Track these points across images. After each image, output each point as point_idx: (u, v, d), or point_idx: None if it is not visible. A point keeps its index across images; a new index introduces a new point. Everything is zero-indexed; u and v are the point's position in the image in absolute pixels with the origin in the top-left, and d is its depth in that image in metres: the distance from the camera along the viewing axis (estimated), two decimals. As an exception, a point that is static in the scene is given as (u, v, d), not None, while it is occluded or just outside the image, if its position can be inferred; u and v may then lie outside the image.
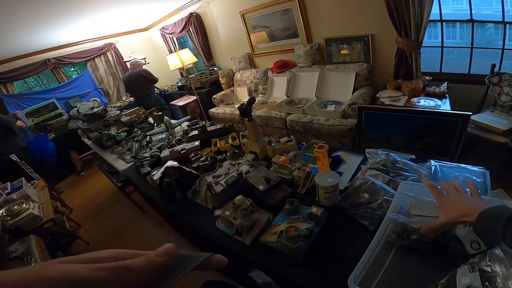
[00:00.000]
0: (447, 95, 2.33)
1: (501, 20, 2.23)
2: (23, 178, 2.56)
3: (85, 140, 2.85)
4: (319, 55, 3.22)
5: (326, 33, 3.09)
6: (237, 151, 1.56)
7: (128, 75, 4.14)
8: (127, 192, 2.62)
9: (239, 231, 0.97)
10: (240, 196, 1.01)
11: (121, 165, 1.95)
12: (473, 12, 2.34)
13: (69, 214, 3.07)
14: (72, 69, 5.33)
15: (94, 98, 3.87)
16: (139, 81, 4.03)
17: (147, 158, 1.77)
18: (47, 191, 2.65)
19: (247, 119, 1.37)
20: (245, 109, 1.32)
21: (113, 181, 2.64)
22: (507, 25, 2.24)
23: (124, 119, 2.60)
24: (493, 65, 2.17)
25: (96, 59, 5.20)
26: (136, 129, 2.50)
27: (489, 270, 0.59)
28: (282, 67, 3.53)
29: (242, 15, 3.74)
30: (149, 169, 1.66)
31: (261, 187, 1.07)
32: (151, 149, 1.99)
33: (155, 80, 4.20)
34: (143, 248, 0.24)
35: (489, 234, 0.60)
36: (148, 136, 2.21)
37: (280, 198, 1.05)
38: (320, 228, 0.93)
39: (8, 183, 2.47)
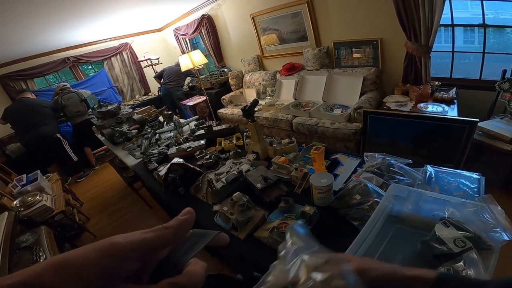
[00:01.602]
0: (455, 101, 2.30)
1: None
2: (39, 171, 2.68)
3: (99, 136, 2.99)
4: (328, 59, 3.23)
5: (335, 37, 3.11)
6: (239, 150, 1.62)
7: (171, 66, 4.61)
8: (135, 188, 2.71)
9: (235, 226, 1.02)
10: (238, 192, 1.07)
11: (130, 161, 2.04)
12: (487, 16, 2.30)
13: (80, 208, 3.19)
14: (90, 67, 5.55)
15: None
16: (179, 73, 4.42)
17: (155, 155, 1.86)
18: (60, 184, 2.78)
19: (250, 120, 1.43)
20: (248, 111, 1.38)
21: (123, 176, 2.75)
22: None
23: (136, 117, 2.72)
24: (504, 71, 2.12)
25: (112, 58, 5.41)
26: (146, 127, 2.61)
27: (464, 273, 0.61)
28: (291, 70, 3.56)
29: (253, 17, 3.80)
30: (156, 165, 1.74)
31: (258, 185, 1.12)
32: (159, 146, 2.08)
33: (193, 74, 4.46)
34: None
35: None
36: (157, 134, 2.31)
37: (276, 196, 1.10)
38: (312, 227, 0.97)
39: (24, 175, 2.59)
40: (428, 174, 1.10)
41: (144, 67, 5.61)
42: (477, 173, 1.05)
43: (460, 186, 1.01)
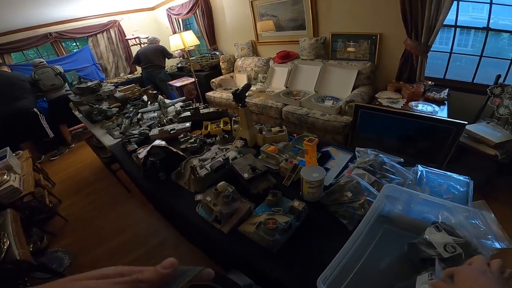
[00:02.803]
0: (446, 102, 2.30)
1: None
2: (8, 148, 2.47)
3: (76, 113, 2.79)
4: (324, 50, 3.15)
5: (334, 28, 3.02)
6: (227, 136, 1.53)
7: (145, 47, 4.30)
8: (112, 169, 2.57)
9: (218, 218, 0.95)
10: (223, 182, 0.99)
11: (108, 141, 1.90)
12: (485, 20, 2.29)
13: (51, 189, 2.98)
14: (74, 44, 5.31)
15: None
16: (156, 53, 4.19)
17: (135, 135, 1.73)
18: (31, 162, 2.57)
19: (240, 104, 1.33)
20: (239, 95, 1.28)
21: (100, 156, 2.59)
22: None
23: (118, 94, 2.55)
24: (498, 76, 2.13)
25: (98, 35, 5.19)
26: (129, 106, 2.45)
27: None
28: (285, 57, 3.46)
29: (251, 2, 3.64)
30: (135, 146, 1.62)
31: (245, 175, 1.04)
32: (141, 126, 1.95)
33: (170, 55, 4.31)
34: (124, 228, 0.23)
35: None
36: (140, 114, 2.16)
37: (264, 188, 1.03)
38: (300, 223, 0.92)
39: (-9, 153, 2.37)
40: (419, 174, 1.09)
41: (132, 45, 5.42)
42: (466, 176, 1.05)
43: (450, 188, 1.01)
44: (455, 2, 2.18)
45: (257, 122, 1.54)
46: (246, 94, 1.31)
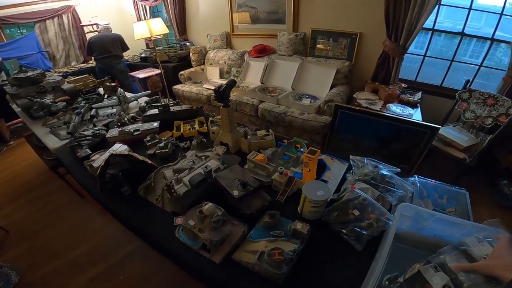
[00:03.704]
0: (418, 104, 2.35)
1: (490, 37, 2.29)
2: None
3: (14, 106, 2.31)
4: (303, 46, 3.04)
5: (314, 24, 2.93)
6: (204, 140, 1.31)
7: (100, 35, 3.76)
8: (60, 173, 2.18)
9: (208, 247, 0.75)
10: (210, 204, 0.79)
11: (52, 142, 1.55)
12: (458, 26, 2.38)
13: (-15, 194, 2.49)
14: (17, 30, 4.61)
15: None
16: (113, 43, 3.70)
17: (87, 137, 1.42)
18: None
19: (222, 104, 1.12)
20: (223, 93, 1.07)
21: (44, 159, 2.17)
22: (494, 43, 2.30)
23: (65, 86, 2.13)
24: (467, 81, 2.22)
25: (47, 21, 4.56)
26: (80, 100, 2.06)
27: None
28: (261, 52, 3.29)
29: (230, -9, 3.39)
30: (88, 151, 1.32)
31: (236, 193, 0.86)
32: (95, 125, 1.62)
33: (127, 48, 3.87)
34: (79, 239, 0.07)
35: None
36: (93, 110, 1.81)
37: (258, 207, 0.86)
38: (303, 247, 0.78)
39: None
40: (419, 186, 1.07)
41: (87, 32, 4.82)
42: (461, 188, 1.06)
43: (451, 201, 1.02)
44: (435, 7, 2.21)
45: (238, 123, 1.35)
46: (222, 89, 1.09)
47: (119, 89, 1.99)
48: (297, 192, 0.98)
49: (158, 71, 3.71)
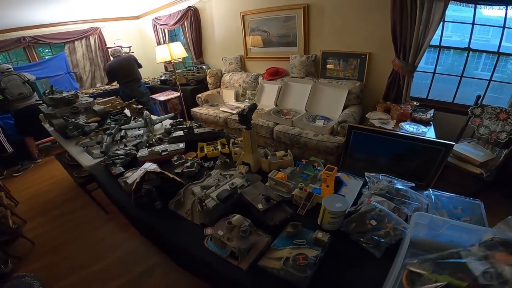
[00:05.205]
0: (431, 122, 2.39)
1: (496, 50, 2.32)
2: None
3: (46, 126, 2.51)
4: (314, 67, 3.16)
5: (324, 46, 3.05)
6: (228, 160, 1.41)
7: (118, 60, 3.84)
8: (88, 189, 2.31)
9: (236, 255, 0.83)
10: (238, 215, 0.87)
11: (86, 160, 1.69)
12: (464, 40, 2.42)
13: (14, 208, 2.66)
14: (47, 50, 4.94)
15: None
16: (129, 66, 3.83)
17: (120, 156, 1.55)
18: (-8, 180, 2.26)
19: (245, 127, 1.23)
20: (246, 116, 1.18)
21: (73, 176, 2.32)
22: (501, 56, 2.33)
23: (96, 108, 2.33)
24: (478, 96, 2.23)
25: (76, 42, 4.85)
26: (109, 121, 2.24)
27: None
28: (274, 74, 3.43)
29: (243, 16, 3.61)
30: (122, 169, 1.44)
31: (260, 206, 0.94)
32: (125, 145, 1.76)
33: (141, 66, 4.00)
34: (102, 253, 0.13)
35: None
36: (122, 130, 1.97)
37: (281, 219, 0.93)
38: (324, 254, 0.84)
39: None
40: (433, 198, 1.11)
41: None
42: (476, 199, 1.07)
43: (466, 211, 1.04)
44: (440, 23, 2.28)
45: (260, 146, 1.45)
46: (245, 113, 1.20)
47: (145, 111, 2.15)
48: (316, 207, 1.05)
49: (177, 94, 3.88)
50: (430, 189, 1.14)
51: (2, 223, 2.09)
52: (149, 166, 1.37)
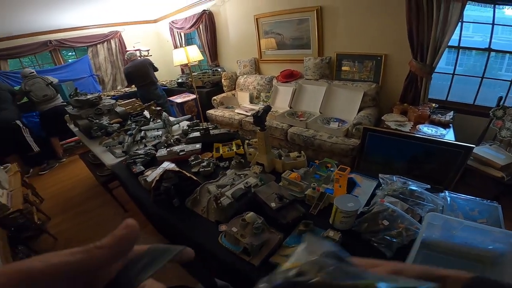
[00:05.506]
0: (451, 124, 2.32)
1: None
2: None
3: (71, 126, 2.66)
4: (328, 69, 3.15)
5: (339, 48, 3.04)
6: (243, 160, 1.45)
7: (134, 64, 3.95)
8: (109, 188, 2.42)
9: (248, 250, 0.86)
10: (252, 213, 0.91)
11: (109, 159, 1.79)
12: (481, 40, 2.36)
13: (40, 205, 2.80)
14: (71, 53, 5.19)
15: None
16: (146, 70, 3.94)
17: (140, 156, 1.63)
18: (19, 177, 2.42)
19: (259, 128, 1.27)
20: (261, 118, 1.22)
21: (95, 174, 2.44)
22: None
23: (118, 109, 2.45)
24: (500, 98, 2.16)
25: (98, 46, 5.07)
26: (130, 122, 2.35)
27: None
28: (289, 77, 3.45)
29: (256, 19, 3.67)
30: (142, 168, 1.52)
31: (273, 205, 0.97)
32: (145, 145, 1.85)
33: (156, 69, 4.12)
34: None
35: None
36: (142, 131, 2.07)
37: (293, 218, 0.96)
38: None
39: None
40: (449, 200, 1.09)
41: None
42: (493, 201, 1.05)
43: (482, 213, 1.03)
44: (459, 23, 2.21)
45: (273, 147, 1.48)
46: (259, 115, 1.24)
47: (164, 113, 2.24)
48: (328, 207, 1.06)
49: (193, 96, 3.98)
50: (446, 191, 1.12)
51: (28, 219, 2.19)
52: (168, 165, 1.43)
